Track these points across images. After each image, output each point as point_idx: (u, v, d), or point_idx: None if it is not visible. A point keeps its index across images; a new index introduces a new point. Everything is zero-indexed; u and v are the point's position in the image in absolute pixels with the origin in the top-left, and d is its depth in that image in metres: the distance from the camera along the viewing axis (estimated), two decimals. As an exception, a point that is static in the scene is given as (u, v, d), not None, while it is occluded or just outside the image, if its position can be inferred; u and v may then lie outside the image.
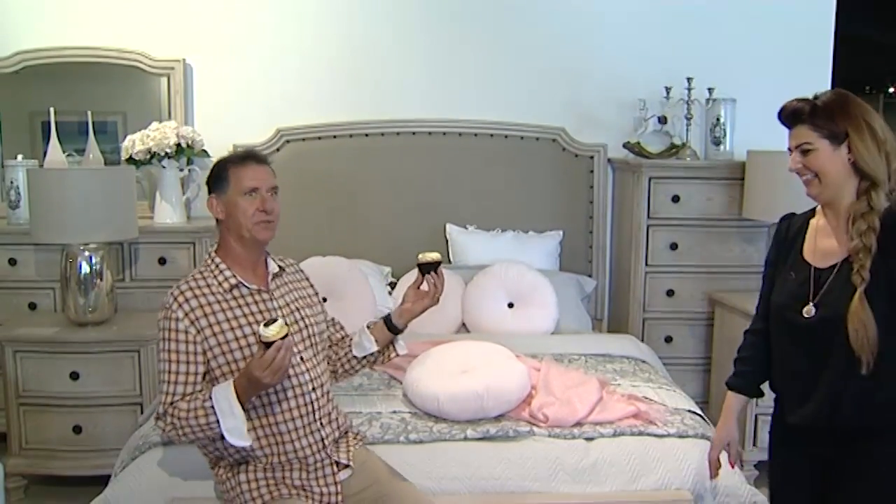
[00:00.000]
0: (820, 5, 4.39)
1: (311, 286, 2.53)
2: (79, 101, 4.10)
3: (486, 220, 4.24)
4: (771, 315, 2.19)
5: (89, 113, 3.98)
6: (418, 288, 2.45)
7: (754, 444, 3.72)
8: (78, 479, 3.46)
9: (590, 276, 4.29)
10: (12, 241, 3.80)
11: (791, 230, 2.22)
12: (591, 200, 4.31)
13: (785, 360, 2.15)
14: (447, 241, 4.19)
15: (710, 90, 4.15)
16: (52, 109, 3.90)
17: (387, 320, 2.47)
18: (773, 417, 2.27)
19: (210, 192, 2.33)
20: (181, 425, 2.15)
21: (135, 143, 3.87)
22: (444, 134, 4.25)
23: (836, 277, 2.03)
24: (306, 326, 2.36)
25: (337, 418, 2.40)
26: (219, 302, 2.25)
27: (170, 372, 2.19)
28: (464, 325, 3.73)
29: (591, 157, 4.31)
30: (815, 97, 2.08)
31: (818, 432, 2.07)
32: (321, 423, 2.31)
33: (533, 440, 2.68)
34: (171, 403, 2.17)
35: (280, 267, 2.42)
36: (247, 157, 2.35)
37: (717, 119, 4.18)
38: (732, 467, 2.36)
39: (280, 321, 2.04)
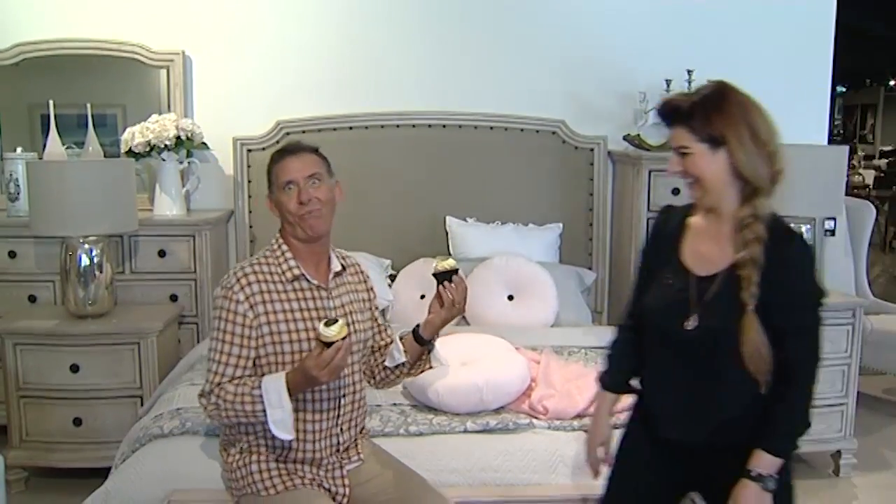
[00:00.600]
0: (821, -2, 4.39)
1: (368, 289, 2.47)
2: (78, 94, 4.09)
3: (486, 213, 4.23)
4: (646, 320, 2.05)
5: (88, 106, 3.98)
6: (440, 299, 2.33)
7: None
8: (78, 472, 3.46)
9: (590, 268, 4.29)
10: (12, 234, 3.80)
11: (669, 225, 2.06)
12: (591, 193, 4.31)
13: (661, 370, 2.02)
14: (447, 233, 4.19)
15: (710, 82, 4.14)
16: (51, 102, 3.90)
17: (415, 331, 2.38)
18: (633, 421, 2.14)
19: (267, 192, 2.34)
20: (224, 407, 2.13)
21: (134, 135, 3.86)
22: (444, 126, 4.25)
23: (719, 289, 1.90)
24: (353, 332, 2.31)
25: (357, 423, 2.38)
26: (279, 292, 2.22)
27: (221, 352, 2.17)
28: (464, 317, 3.72)
29: (591, 150, 4.30)
30: (696, 92, 1.94)
31: (693, 447, 1.97)
32: (341, 429, 2.31)
33: (533, 433, 2.68)
34: (219, 384, 2.15)
35: (342, 266, 2.38)
36: (283, 150, 2.31)
37: (718, 111, 4.16)
38: (609, 465, 2.20)
39: (341, 321, 2.03)
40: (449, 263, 2.28)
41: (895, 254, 9.24)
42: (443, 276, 2.28)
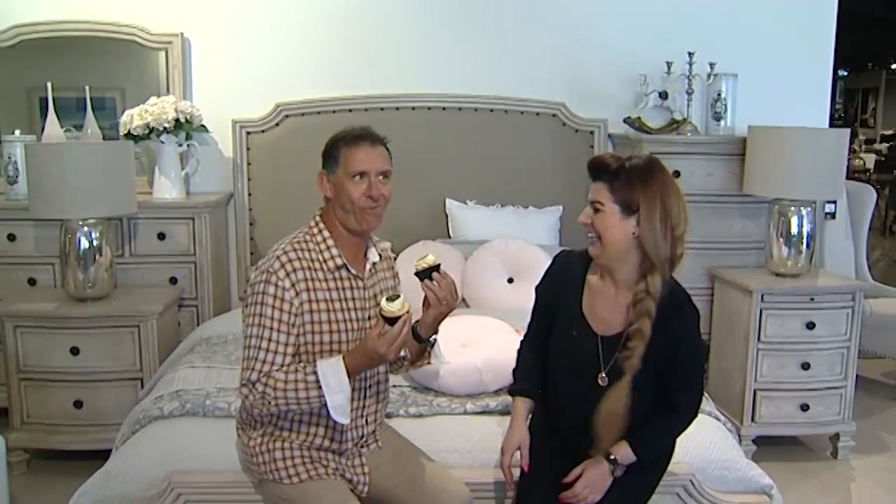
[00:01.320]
0: (823, -20, 4.36)
1: (394, 275, 2.45)
2: (76, 77, 4.07)
3: (486, 195, 4.23)
4: (560, 372, 2.26)
5: (87, 88, 3.96)
6: (429, 300, 2.25)
7: (753, 420, 3.73)
8: (79, 454, 3.47)
9: (589, 251, 4.28)
10: (11, 217, 3.79)
11: (570, 276, 2.25)
12: (591, 176, 4.30)
13: (573, 408, 2.23)
14: (447, 216, 4.18)
15: (712, 65, 4.13)
16: (49, 84, 3.88)
17: (414, 329, 2.30)
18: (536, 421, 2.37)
19: (322, 168, 2.24)
20: (275, 395, 2.09)
21: (133, 117, 3.85)
22: (444, 109, 4.23)
23: (621, 349, 2.13)
24: None
25: (381, 415, 2.39)
26: (321, 280, 2.18)
27: (270, 340, 2.11)
28: (463, 299, 3.73)
29: (592, 133, 4.29)
30: (629, 158, 2.08)
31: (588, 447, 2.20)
32: (366, 420, 2.32)
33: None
34: (267, 373, 2.10)
35: (380, 256, 2.36)
36: (361, 136, 2.22)
37: (719, 94, 4.16)
38: (527, 471, 2.30)
39: (402, 296, 2.05)
40: (428, 261, 2.20)
41: (895, 238, 9.23)
42: (424, 275, 2.20)
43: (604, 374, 2.17)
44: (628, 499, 2.23)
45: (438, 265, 2.20)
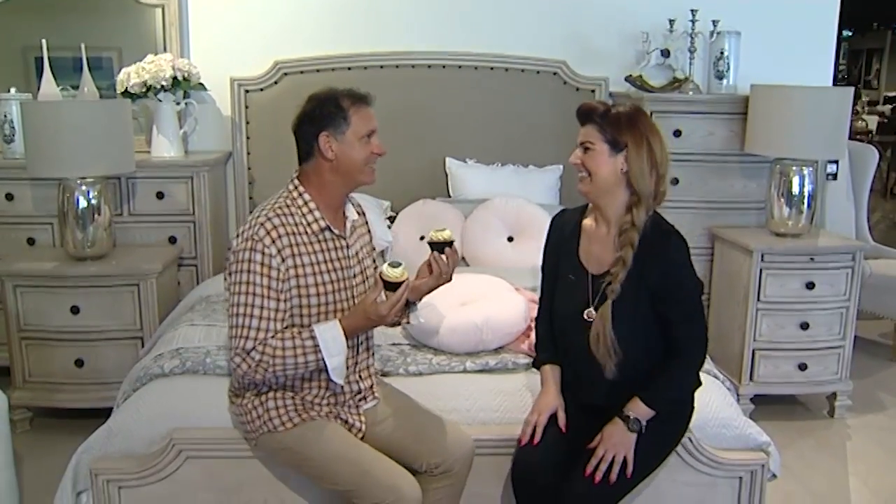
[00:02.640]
0: (828, -63, 4.29)
1: (369, 232, 2.47)
2: (72, 36, 4.01)
3: (486, 154, 4.20)
4: (557, 316, 2.39)
5: (83, 46, 3.90)
6: (429, 266, 2.32)
7: (751, 379, 3.75)
8: (81, 412, 3.50)
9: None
10: (9, 176, 3.78)
11: (565, 231, 2.40)
12: (592, 135, 4.27)
13: (571, 350, 2.35)
14: (447, 174, 4.16)
15: (715, 23, 4.08)
16: (44, 41, 3.83)
17: None
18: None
19: (322, 130, 2.20)
20: (273, 363, 2.10)
21: (130, 75, 3.82)
22: (444, 67, 4.19)
23: (607, 284, 2.25)
24: (365, 280, 2.34)
25: (371, 369, 2.41)
26: (307, 244, 2.19)
27: (262, 307, 2.11)
28: (463, 258, 3.72)
29: (593, 91, 4.25)
30: (614, 105, 2.25)
31: (593, 407, 2.32)
32: (360, 376, 2.34)
33: (532, 372, 2.68)
34: (263, 340, 2.11)
35: (358, 213, 2.38)
36: (363, 97, 2.25)
37: (721, 52, 4.11)
38: (565, 431, 2.34)
39: (403, 264, 2.13)
40: (445, 235, 2.28)
41: (896, 200, 9.23)
42: (437, 247, 2.28)
43: (591, 310, 2.27)
44: (646, 452, 2.27)
45: (453, 241, 2.28)
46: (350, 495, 2.20)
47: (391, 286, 2.12)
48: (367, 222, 2.48)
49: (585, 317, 2.28)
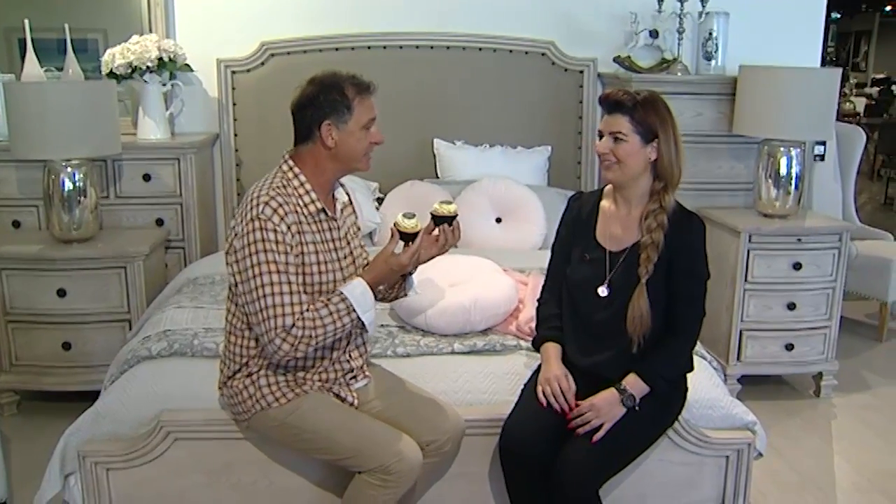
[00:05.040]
0: (817, -82, 4.28)
1: (354, 213, 2.48)
2: (56, 17, 3.95)
3: (475, 135, 4.19)
4: (570, 289, 2.44)
5: (67, 27, 3.85)
6: (430, 234, 2.32)
7: (738, 360, 3.78)
8: (69, 395, 3.49)
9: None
10: (-7, 158, 3.74)
11: (583, 212, 2.46)
12: (580, 116, 4.26)
13: (580, 326, 2.41)
14: (435, 156, 4.15)
15: (703, 3, 4.07)
16: (27, 21, 3.78)
17: None
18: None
19: (325, 119, 2.18)
20: (315, 335, 2.13)
21: (115, 56, 3.78)
22: (432, 48, 4.17)
23: (625, 261, 2.33)
24: (355, 259, 2.35)
25: (363, 352, 2.42)
26: (307, 224, 2.20)
27: (291, 283, 2.12)
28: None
29: (581, 72, 4.24)
30: (637, 92, 2.30)
31: (592, 376, 2.36)
32: (350, 356, 2.35)
33: (520, 354, 2.70)
34: (301, 315, 2.12)
35: (348, 195, 2.39)
36: (366, 87, 2.24)
37: (710, 33, 4.11)
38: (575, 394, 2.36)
39: (416, 214, 2.26)
40: (450, 209, 2.30)
41: (883, 182, 9.24)
42: (441, 220, 2.30)
43: (604, 287, 2.34)
44: (638, 434, 2.34)
45: (456, 215, 2.31)
46: (350, 463, 2.22)
47: (407, 237, 2.23)
48: (353, 202, 2.49)
49: (599, 293, 2.35)
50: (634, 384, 2.29)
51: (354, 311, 2.17)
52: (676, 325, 2.33)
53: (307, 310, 2.14)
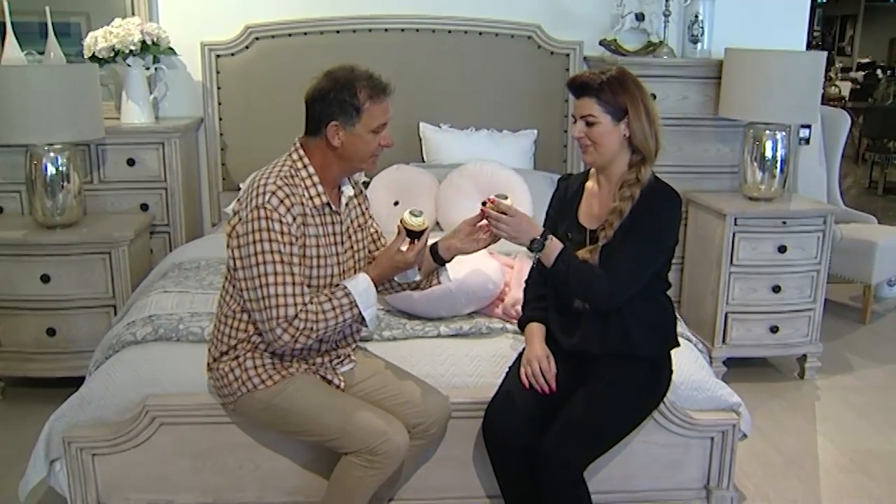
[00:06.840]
0: None
1: (364, 199, 2.45)
2: (37, 0, 3.87)
3: (460, 119, 4.18)
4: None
5: (48, 10, 3.79)
6: (475, 225, 2.32)
7: (724, 342, 3.80)
8: (54, 381, 3.48)
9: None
10: (-26, 143, 3.70)
11: (569, 192, 2.48)
12: (566, 99, 4.24)
13: (560, 301, 2.43)
14: (420, 139, 4.14)
15: (690, -15, 4.07)
16: (6, 3, 3.74)
17: (433, 250, 2.35)
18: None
19: (332, 119, 2.15)
20: (316, 327, 2.12)
21: (97, 39, 3.74)
22: (417, 31, 4.15)
23: (601, 229, 2.32)
24: (355, 253, 2.34)
25: (353, 340, 2.42)
26: (311, 216, 2.18)
27: (293, 274, 2.11)
28: (437, 223, 3.71)
29: (567, 55, 4.23)
30: (602, 72, 2.29)
31: (575, 354, 2.38)
32: (336, 344, 2.35)
33: (506, 337, 2.71)
34: (304, 307, 2.11)
35: (353, 189, 2.36)
36: (381, 90, 2.19)
37: (696, 16, 4.10)
38: (554, 390, 2.37)
39: (424, 212, 2.26)
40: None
41: (868, 166, 9.29)
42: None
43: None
44: (620, 415, 2.34)
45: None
46: (336, 444, 2.22)
47: (413, 234, 2.22)
48: (363, 191, 2.46)
49: None
50: (553, 244, 2.25)
51: (357, 306, 2.17)
52: (609, 267, 2.25)
53: (310, 302, 2.13)
